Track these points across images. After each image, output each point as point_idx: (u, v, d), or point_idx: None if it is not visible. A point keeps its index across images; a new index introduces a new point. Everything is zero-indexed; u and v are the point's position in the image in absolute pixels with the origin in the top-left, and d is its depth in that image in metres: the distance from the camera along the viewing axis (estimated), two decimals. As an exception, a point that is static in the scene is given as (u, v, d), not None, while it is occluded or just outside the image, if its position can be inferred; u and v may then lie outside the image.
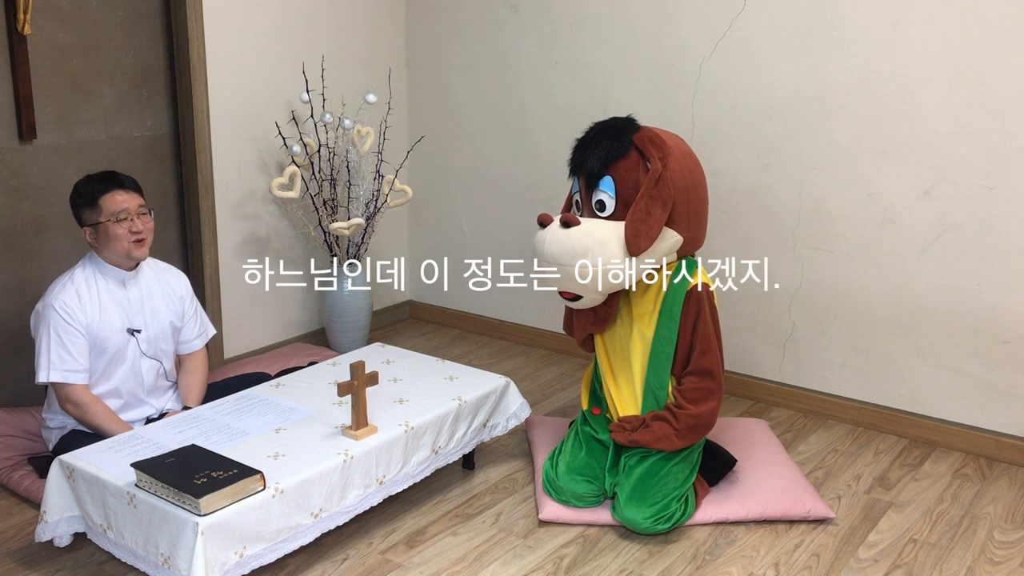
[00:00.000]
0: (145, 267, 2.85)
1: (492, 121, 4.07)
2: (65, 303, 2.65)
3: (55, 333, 2.64)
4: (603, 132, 2.64)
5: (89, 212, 2.69)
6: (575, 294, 2.64)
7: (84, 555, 2.46)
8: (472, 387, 2.85)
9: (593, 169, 2.61)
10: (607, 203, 2.61)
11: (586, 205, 2.67)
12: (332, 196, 3.76)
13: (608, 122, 2.68)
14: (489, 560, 2.49)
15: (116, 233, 2.68)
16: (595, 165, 2.61)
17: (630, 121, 2.67)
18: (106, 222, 2.67)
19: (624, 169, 2.59)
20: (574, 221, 2.58)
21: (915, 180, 3.09)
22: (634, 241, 2.55)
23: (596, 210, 2.64)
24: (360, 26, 4.03)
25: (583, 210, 2.69)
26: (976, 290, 3.04)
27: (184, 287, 2.94)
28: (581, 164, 2.65)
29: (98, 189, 2.69)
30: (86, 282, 2.72)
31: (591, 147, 2.63)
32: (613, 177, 2.60)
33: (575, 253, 2.56)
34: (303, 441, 2.46)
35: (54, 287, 2.70)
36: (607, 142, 2.61)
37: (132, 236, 2.69)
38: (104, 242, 2.70)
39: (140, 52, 3.38)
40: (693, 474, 2.68)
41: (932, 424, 3.19)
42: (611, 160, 2.59)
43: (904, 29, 3.01)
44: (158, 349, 2.85)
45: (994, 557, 2.53)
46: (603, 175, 2.60)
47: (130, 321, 2.77)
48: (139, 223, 2.71)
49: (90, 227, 2.70)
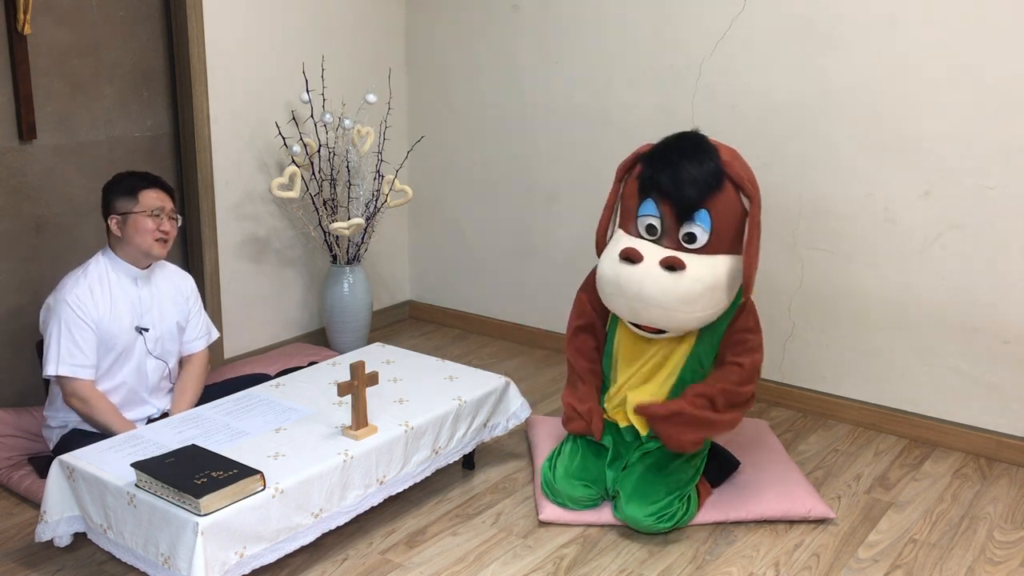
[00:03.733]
0: (156, 268, 2.87)
1: (492, 121, 4.07)
2: (78, 297, 2.67)
3: (66, 327, 2.65)
4: (691, 157, 2.51)
5: (124, 201, 2.72)
6: (659, 328, 2.60)
7: (84, 555, 2.46)
8: (472, 387, 2.85)
9: (689, 201, 2.50)
10: (699, 236, 2.53)
11: (670, 234, 2.56)
12: (332, 196, 3.76)
13: (690, 144, 2.55)
14: (489, 560, 2.49)
15: (146, 226, 2.71)
16: (692, 198, 2.50)
17: (707, 142, 2.56)
18: (140, 213, 2.70)
19: (722, 204, 2.52)
20: (679, 264, 2.48)
21: (915, 180, 3.09)
22: (751, 283, 2.55)
23: (684, 241, 2.55)
24: (360, 26, 4.03)
25: (664, 237, 2.57)
26: (976, 290, 3.04)
27: (190, 288, 2.97)
28: (669, 193, 2.52)
29: (139, 184, 2.75)
30: (99, 278, 2.74)
31: (676, 172, 2.50)
32: (709, 211, 2.52)
33: (686, 300, 2.50)
34: (303, 441, 2.46)
35: (67, 281, 2.72)
36: (699, 171, 2.49)
37: (159, 234, 2.73)
38: (130, 233, 2.72)
39: (140, 52, 3.38)
40: (697, 475, 2.67)
41: (932, 424, 3.19)
42: (709, 193, 2.51)
43: (904, 29, 3.01)
44: (164, 349, 2.86)
45: (994, 557, 2.53)
46: (699, 208, 2.52)
47: (139, 319, 2.79)
48: (168, 224, 2.76)
49: (119, 216, 2.72)
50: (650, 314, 2.56)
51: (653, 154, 2.60)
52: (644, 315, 2.57)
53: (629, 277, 2.53)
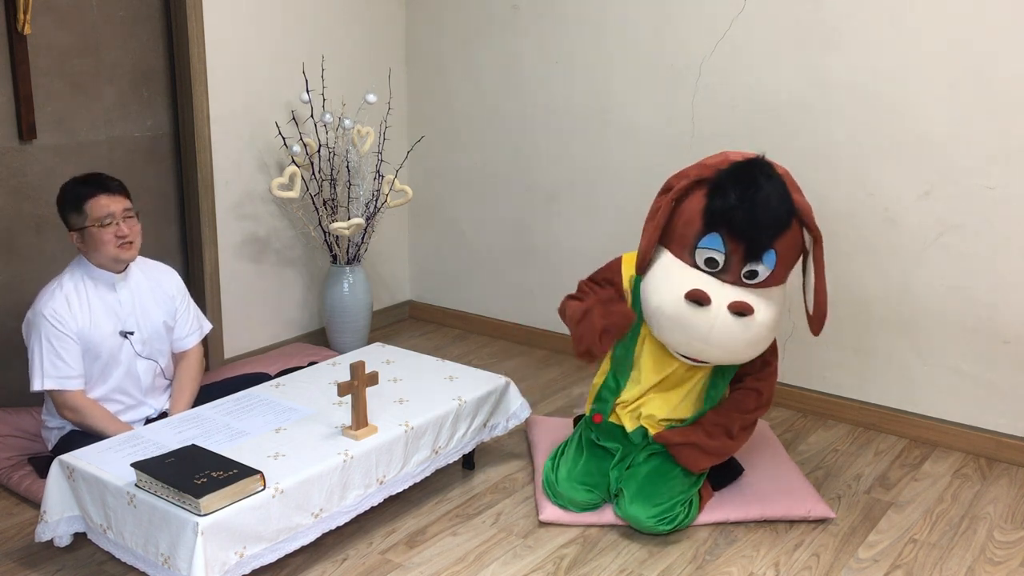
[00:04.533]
0: (135, 267, 2.83)
1: (492, 121, 4.07)
2: (55, 310, 2.63)
3: (47, 341, 2.62)
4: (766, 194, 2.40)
5: (75, 217, 2.66)
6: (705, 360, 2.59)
7: (84, 555, 2.46)
8: (472, 387, 2.85)
9: (762, 244, 2.43)
10: (761, 274, 2.49)
11: (733, 270, 2.49)
12: (332, 196, 3.76)
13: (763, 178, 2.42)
14: (489, 560, 2.49)
15: (102, 238, 2.65)
16: (764, 240, 2.42)
17: (776, 175, 2.46)
18: (91, 227, 2.64)
19: (788, 242, 2.47)
20: (748, 311, 2.43)
21: (915, 180, 3.09)
22: (822, 326, 2.56)
23: (745, 277, 2.49)
24: (360, 26, 4.03)
25: (727, 272, 2.49)
26: (976, 290, 3.04)
27: (175, 285, 2.92)
28: (744, 233, 2.42)
29: (83, 193, 2.66)
30: (75, 288, 2.70)
31: (753, 212, 2.39)
32: (776, 251, 2.47)
33: (753, 344, 2.50)
34: (303, 441, 2.46)
35: (43, 294, 2.68)
36: (775, 213, 2.41)
37: (118, 240, 2.67)
38: (91, 247, 2.68)
39: (140, 52, 3.38)
40: (700, 480, 2.68)
41: (932, 424, 3.19)
42: (780, 234, 2.45)
43: (904, 29, 3.01)
44: (153, 349, 2.84)
45: (994, 557, 2.53)
46: (769, 249, 2.45)
47: (122, 324, 2.76)
48: (125, 227, 2.68)
49: (76, 231, 2.68)
50: (711, 354, 2.53)
51: (724, 184, 2.44)
52: (704, 355, 2.55)
53: (697, 319, 2.46)
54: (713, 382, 2.70)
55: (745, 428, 2.67)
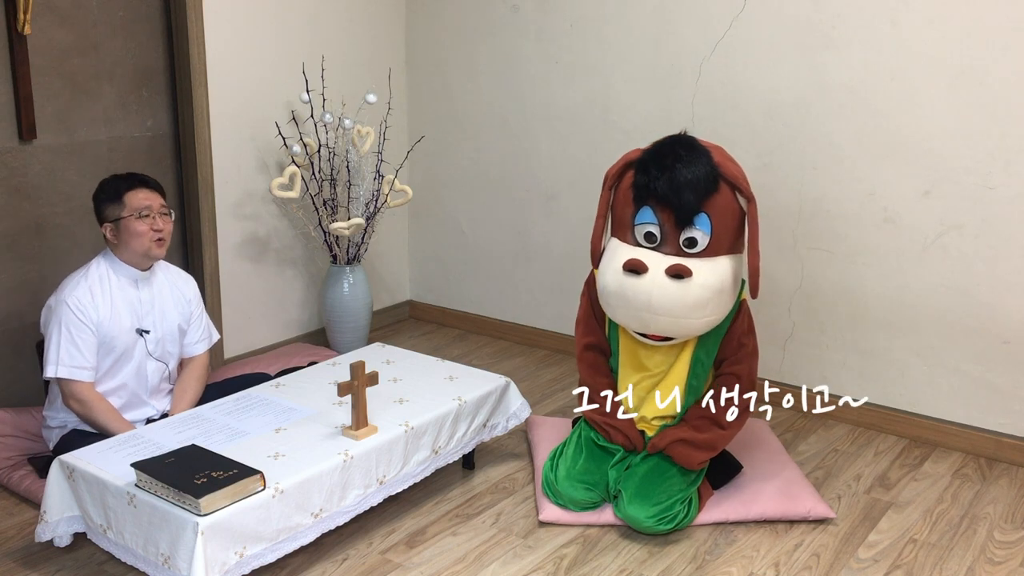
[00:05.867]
0: (158, 269, 2.87)
1: (492, 121, 4.07)
2: (79, 299, 2.66)
3: (66, 329, 2.64)
4: (685, 161, 2.49)
5: (112, 207, 2.71)
6: (667, 336, 2.61)
7: (84, 555, 2.46)
8: (472, 387, 2.85)
9: (688, 207, 2.49)
10: (700, 241, 2.53)
11: (671, 240, 2.54)
12: (332, 196, 3.76)
13: (682, 148, 2.52)
14: (489, 560, 2.49)
15: (138, 230, 2.69)
16: (690, 203, 2.48)
17: (698, 144, 2.54)
18: (128, 217, 2.69)
19: (720, 206, 2.52)
20: (686, 272, 2.47)
21: (915, 180, 3.09)
22: (756, 284, 2.55)
23: (684, 247, 2.53)
24: (360, 26, 4.03)
25: (664, 244, 2.55)
26: (976, 290, 3.04)
27: (192, 291, 2.96)
28: (668, 199, 2.49)
29: (123, 186, 2.72)
30: (100, 280, 2.73)
31: (673, 178, 2.47)
32: (709, 215, 2.51)
33: (696, 307, 2.50)
34: (303, 441, 2.46)
35: (67, 283, 2.72)
36: (695, 175, 2.47)
37: (154, 234, 2.72)
38: (124, 239, 2.71)
39: (140, 52, 3.38)
40: (699, 478, 2.67)
41: (932, 424, 3.19)
42: (706, 196, 2.50)
43: (904, 29, 3.01)
44: (164, 351, 2.85)
45: (994, 557, 2.53)
46: (698, 213, 2.51)
47: (140, 321, 2.78)
48: (160, 222, 2.74)
49: (111, 223, 2.72)
50: (659, 324, 2.55)
51: (645, 160, 2.56)
52: (653, 325, 2.56)
53: (636, 288, 2.51)
54: (693, 371, 2.68)
55: (736, 416, 2.65)
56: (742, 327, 2.68)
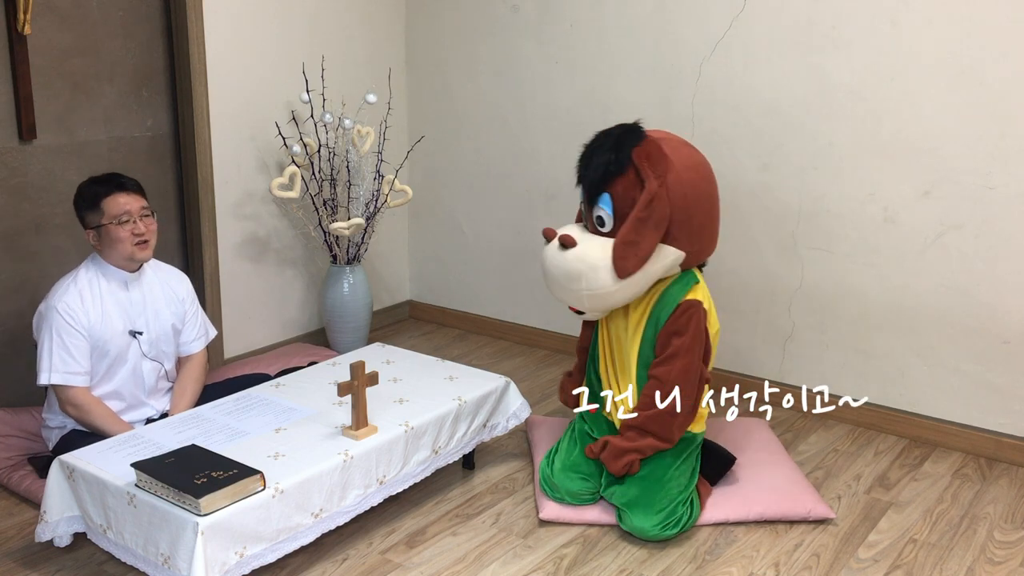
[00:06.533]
0: (148, 268, 2.85)
1: (492, 121, 4.07)
2: (68, 305, 2.65)
3: (57, 335, 2.63)
4: (604, 144, 2.58)
5: (91, 215, 2.69)
6: (578, 309, 2.65)
7: (84, 555, 2.46)
8: (472, 387, 2.85)
9: (592, 185, 2.59)
10: (605, 220, 2.58)
11: (588, 219, 2.66)
12: (332, 196, 3.76)
13: (611, 132, 2.61)
14: (489, 560, 2.49)
15: (119, 236, 2.67)
16: (594, 181, 2.58)
17: (634, 131, 2.58)
18: (108, 224, 2.67)
19: (622, 188, 2.54)
20: (570, 242, 2.56)
21: (915, 180, 3.09)
22: (621, 265, 2.51)
23: (597, 225, 2.61)
24: (360, 26, 4.03)
25: (587, 222, 2.67)
26: (976, 290, 3.04)
27: (185, 289, 2.94)
28: (581, 178, 2.63)
29: (100, 192, 2.69)
30: (89, 284, 2.72)
31: (592, 160, 2.59)
32: (611, 195, 2.56)
33: (570, 277, 2.56)
34: (303, 441, 2.46)
35: (57, 288, 2.70)
36: (606, 157, 2.55)
37: (135, 238, 2.69)
38: (107, 244, 2.70)
39: (140, 52, 3.38)
40: (695, 477, 2.67)
41: (932, 424, 3.19)
42: (609, 177, 2.55)
43: (904, 29, 3.01)
44: (159, 351, 2.85)
45: (994, 557, 2.53)
46: (601, 192, 2.57)
47: (132, 323, 2.77)
48: (141, 225, 2.71)
49: (93, 230, 2.70)
50: (552, 291, 2.68)
51: (586, 144, 2.68)
52: (551, 292, 2.69)
53: (543, 255, 2.68)
54: (642, 360, 2.67)
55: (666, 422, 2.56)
56: (675, 326, 2.58)
